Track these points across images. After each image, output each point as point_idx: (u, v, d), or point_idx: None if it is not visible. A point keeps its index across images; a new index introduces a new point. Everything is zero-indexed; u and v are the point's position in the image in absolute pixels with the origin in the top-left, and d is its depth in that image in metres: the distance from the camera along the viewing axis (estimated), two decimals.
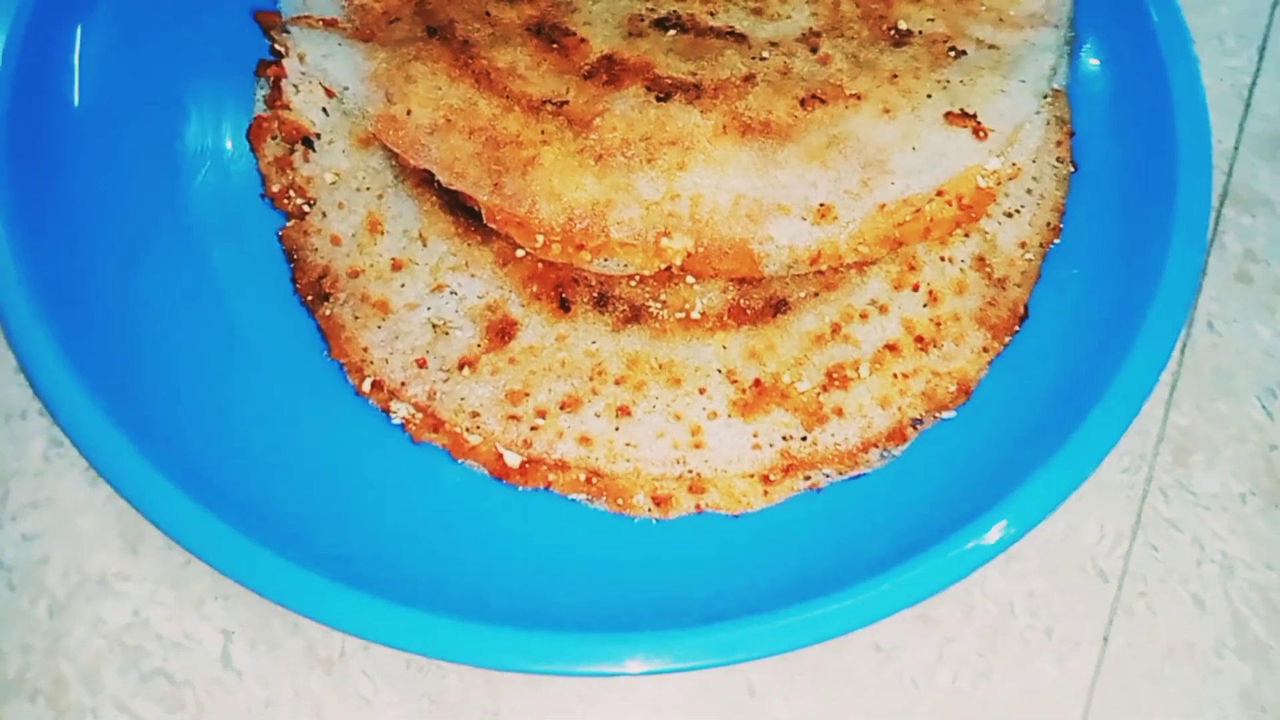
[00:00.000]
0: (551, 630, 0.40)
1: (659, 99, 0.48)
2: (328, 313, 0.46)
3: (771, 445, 0.45)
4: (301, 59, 0.49)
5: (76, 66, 0.47)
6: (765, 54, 0.50)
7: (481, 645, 0.39)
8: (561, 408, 0.45)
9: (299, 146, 0.48)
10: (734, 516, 0.44)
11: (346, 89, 0.48)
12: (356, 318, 0.46)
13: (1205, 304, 0.52)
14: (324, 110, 0.49)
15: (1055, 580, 0.46)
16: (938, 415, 0.46)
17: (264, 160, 0.49)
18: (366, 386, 0.45)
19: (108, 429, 0.41)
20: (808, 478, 0.45)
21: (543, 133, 0.47)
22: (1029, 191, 0.50)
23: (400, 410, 0.45)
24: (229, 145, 0.49)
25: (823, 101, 0.49)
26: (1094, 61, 0.53)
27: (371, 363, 0.45)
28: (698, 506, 0.44)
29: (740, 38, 0.51)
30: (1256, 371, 0.51)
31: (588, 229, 0.46)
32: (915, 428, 0.46)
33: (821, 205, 0.47)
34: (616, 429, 0.45)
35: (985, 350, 0.47)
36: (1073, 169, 0.51)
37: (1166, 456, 0.48)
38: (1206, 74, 0.56)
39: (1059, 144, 0.51)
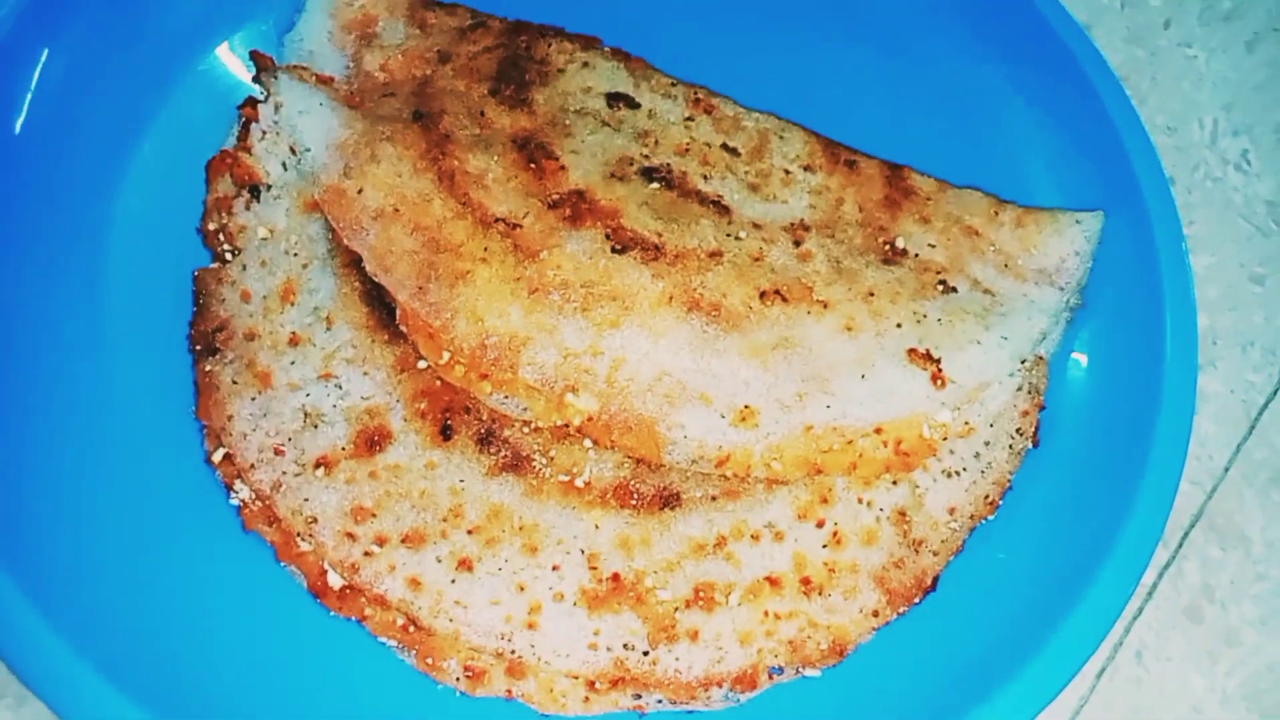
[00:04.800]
0: None
1: (614, 250, 0.46)
2: (208, 369, 0.44)
3: (609, 650, 0.41)
4: (278, 108, 0.47)
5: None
6: (743, 233, 0.47)
7: None
8: (403, 541, 0.42)
9: (245, 193, 0.47)
10: (543, 716, 0.40)
11: (308, 150, 0.47)
12: (235, 382, 0.44)
13: (1140, 632, 0.47)
14: (283, 165, 0.47)
15: None
16: (800, 671, 0.42)
17: (212, 195, 0.48)
18: (218, 457, 0.43)
19: None
20: (637, 697, 0.41)
21: (485, 249, 0.45)
22: (977, 456, 0.46)
23: (241, 492, 0.42)
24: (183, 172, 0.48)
25: (784, 299, 0.46)
26: (1090, 339, 0.49)
27: (230, 434, 0.43)
28: (508, 692, 0.41)
29: (724, 210, 0.48)
30: None
31: (497, 360, 0.44)
32: (771, 678, 0.41)
33: (746, 407, 0.44)
34: (452, 581, 0.41)
35: (875, 614, 0.43)
36: (1032, 445, 0.46)
37: None
38: (1218, 381, 0.52)
39: (1025, 414, 0.47)
